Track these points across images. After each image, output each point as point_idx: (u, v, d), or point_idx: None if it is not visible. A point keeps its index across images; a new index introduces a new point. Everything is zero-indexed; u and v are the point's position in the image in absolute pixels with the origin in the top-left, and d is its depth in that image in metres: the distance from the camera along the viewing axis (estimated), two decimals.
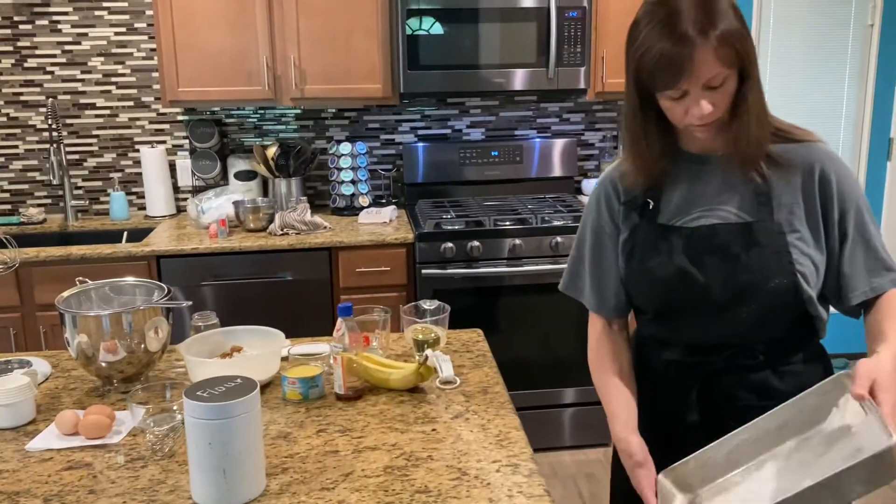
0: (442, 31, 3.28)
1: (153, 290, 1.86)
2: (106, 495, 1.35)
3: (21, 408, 1.61)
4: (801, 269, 1.34)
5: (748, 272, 1.34)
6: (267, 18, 3.26)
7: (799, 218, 1.36)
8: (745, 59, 1.26)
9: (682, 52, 1.22)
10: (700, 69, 1.23)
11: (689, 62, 1.23)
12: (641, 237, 1.45)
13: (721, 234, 1.37)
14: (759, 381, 1.40)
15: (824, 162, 1.36)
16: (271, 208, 3.38)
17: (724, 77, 1.26)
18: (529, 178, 3.78)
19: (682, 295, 1.39)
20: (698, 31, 1.22)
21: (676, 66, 1.23)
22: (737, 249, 1.35)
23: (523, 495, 1.33)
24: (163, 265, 3.14)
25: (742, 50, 1.25)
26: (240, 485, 1.31)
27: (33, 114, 3.57)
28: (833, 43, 3.99)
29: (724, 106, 1.30)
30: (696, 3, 1.23)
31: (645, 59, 1.26)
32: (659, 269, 1.41)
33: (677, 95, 1.28)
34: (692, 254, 1.39)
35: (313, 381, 1.70)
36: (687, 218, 1.41)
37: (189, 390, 1.31)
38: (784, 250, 1.34)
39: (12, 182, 3.64)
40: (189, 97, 3.30)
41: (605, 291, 1.53)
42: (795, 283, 1.34)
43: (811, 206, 1.36)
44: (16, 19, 3.48)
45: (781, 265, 1.34)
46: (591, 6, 3.35)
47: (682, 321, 1.43)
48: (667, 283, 1.40)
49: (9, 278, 3.02)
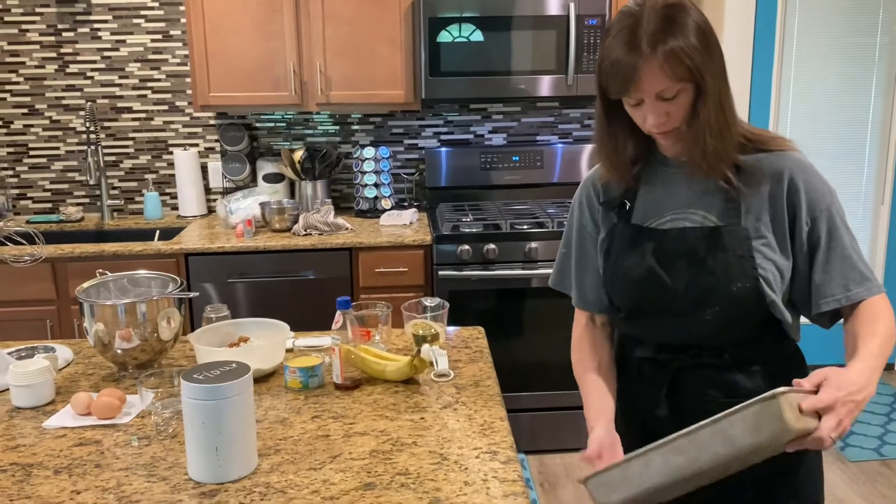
0: (463, 39, 3.36)
1: (167, 283, 1.97)
2: (110, 469, 1.45)
3: (40, 389, 1.73)
4: (764, 274, 1.37)
5: (712, 275, 1.39)
6: (294, 26, 3.38)
7: (765, 224, 1.39)
8: (699, 75, 1.30)
9: (630, 63, 1.28)
10: (647, 81, 1.29)
11: (636, 73, 1.29)
12: (618, 237, 1.50)
13: (689, 237, 1.42)
14: (727, 380, 1.45)
15: (794, 170, 1.39)
16: (296, 209, 3.49)
17: (676, 90, 1.31)
18: (550, 183, 3.83)
19: (651, 296, 1.45)
20: (649, 44, 1.27)
21: (625, 75, 1.30)
22: (703, 253, 1.40)
23: (497, 479, 1.39)
24: (191, 262, 3.27)
25: (695, 66, 1.29)
26: (232, 462, 1.40)
27: (74, 117, 3.75)
28: (860, 50, 3.98)
29: (679, 117, 1.34)
30: (658, 17, 1.28)
31: (603, 64, 1.34)
32: (632, 270, 1.46)
33: (633, 102, 1.35)
34: (661, 256, 1.44)
35: (313, 371, 1.79)
36: (659, 220, 1.46)
37: (186, 373, 1.40)
38: (748, 255, 1.38)
39: (53, 182, 3.82)
40: (219, 102, 3.44)
41: (587, 288, 1.60)
42: (758, 288, 1.37)
43: (778, 213, 1.39)
44: (59, 27, 3.66)
45: (744, 269, 1.37)
46: (611, 14, 3.40)
47: (651, 321, 1.48)
48: (638, 283, 1.46)
49: (46, 273, 3.18)
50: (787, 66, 3.95)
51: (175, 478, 1.42)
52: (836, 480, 3.22)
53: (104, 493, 1.37)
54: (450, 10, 3.33)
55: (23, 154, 3.78)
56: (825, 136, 4.03)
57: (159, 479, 1.41)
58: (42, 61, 3.69)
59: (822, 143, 4.00)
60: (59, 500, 1.35)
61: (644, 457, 1.24)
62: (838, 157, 4.06)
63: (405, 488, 1.36)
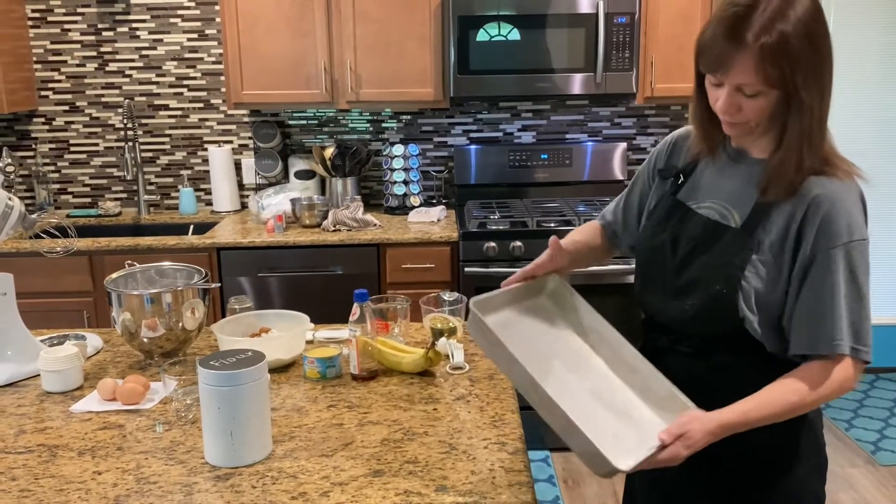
0: (491, 37, 3.38)
1: (193, 274, 2.03)
2: (131, 452, 1.51)
3: (69, 375, 1.80)
4: (746, 288, 1.35)
5: (701, 270, 1.41)
6: (325, 25, 3.43)
7: (776, 243, 1.35)
8: (791, 84, 1.25)
9: (727, 47, 1.26)
10: (735, 70, 1.26)
11: (730, 60, 1.26)
12: (660, 206, 1.55)
13: (705, 228, 1.43)
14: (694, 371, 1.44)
15: (819, 198, 1.31)
16: (326, 206, 3.55)
17: (757, 90, 1.27)
18: (579, 182, 3.83)
19: (654, 269, 1.51)
20: (754, 33, 1.23)
21: (718, 57, 1.28)
22: (705, 247, 1.42)
23: (504, 469, 1.41)
24: (223, 257, 3.34)
25: (790, 73, 1.24)
26: (246, 447, 1.45)
27: (112, 114, 3.85)
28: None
29: (751, 115, 1.31)
30: (773, 7, 1.24)
31: (703, 35, 1.32)
32: (651, 238, 1.52)
33: (715, 82, 1.33)
34: (678, 235, 1.47)
35: (330, 362, 1.83)
36: (698, 203, 1.48)
37: (203, 360, 1.45)
38: (740, 265, 1.36)
39: (92, 177, 3.92)
40: (251, 99, 3.51)
41: (611, 209, 1.72)
42: (733, 299, 1.36)
43: (790, 235, 1.34)
44: (99, 26, 3.76)
45: (729, 276, 1.36)
46: (641, 12, 3.39)
47: (649, 294, 1.53)
48: (649, 252, 1.52)
49: (83, 266, 3.28)
50: None
51: (192, 461, 1.47)
52: (866, 484, 3.17)
53: (124, 474, 1.42)
54: (480, 9, 3.35)
55: (64, 150, 3.89)
56: (863, 137, 3.96)
57: (177, 463, 1.46)
58: (83, 60, 3.80)
59: (860, 143, 3.93)
60: (82, 479, 1.41)
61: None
62: (878, 156, 3.99)
63: (413, 476, 1.39)
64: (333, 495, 1.33)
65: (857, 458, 3.38)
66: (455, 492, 1.34)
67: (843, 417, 3.74)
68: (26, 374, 1.87)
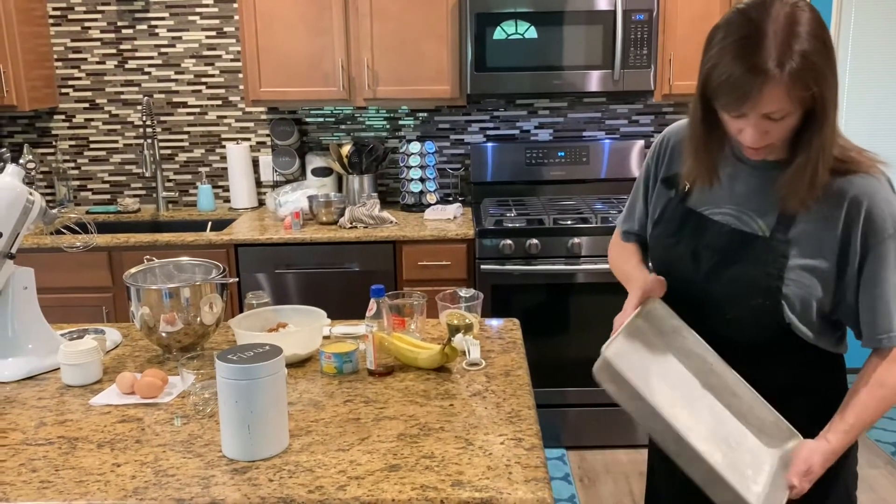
0: (508, 35, 3.38)
1: (211, 269, 2.04)
2: (149, 445, 1.52)
3: (88, 368, 1.81)
4: (789, 294, 1.35)
5: (735, 284, 1.39)
6: (343, 22, 3.44)
7: (811, 246, 1.34)
8: (819, 100, 1.22)
9: (752, 81, 1.19)
10: (765, 101, 1.21)
11: (758, 93, 1.20)
12: (669, 214, 1.52)
13: (728, 237, 1.41)
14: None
15: (858, 195, 1.31)
16: (342, 203, 3.56)
17: (786, 112, 1.23)
18: (596, 179, 3.82)
19: (677, 278, 1.47)
20: (775, 63, 1.18)
21: (743, 93, 1.21)
22: (735, 258, 1.39)
23: (520, 465, 1.41)
24: (240, 253, 3.36)
25: (818, 91, 1.21)
26: (263, 440, 1.45)
27: (132, 111, 3.88)
28: None
29: (777, 136, 1.28)
30: (782, 29, 1.19)
31: (713, 74, 1.24)
32: (672, 248, 1.49)
33: (735, 114, 1.27)
34: (700, 246, 1.44)
35: (347, 357, 1.84)
36: (714, 210, 1.45)
37: (221, 354, 1.46)
38: (777, 273, 1.35)
39: (112, 174, 3.96)
40: (269, 97, 3.52)
41: (632, 211, 1.69)
42: (777, 308, 1.35)
43: (829, 237, 1.34)
44: (119, 24, 3.79)
45: (768, 287, 1.35)
46: (659, 9, 3.38)
47: (677, 301, 1.49)
48: (670, 263, 1.49)
49: (102, 261, 3.31)
50: (841, 70, 3.85)
51: (210, 454, 1.48)
52: (886, 485, 3.15)
53: (142, 466, 1.44)
54: (497, 6, 3.35)
55: (84, 147, 3.93)
56: (886, 140, 3.91)
57: (195, 456, 1.47)
58: (103, 57, 3.83)
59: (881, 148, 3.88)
60: (101, 471, 1.42)
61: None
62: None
63: (429, 471, 1.39)
64: (350, 489, 1.34)
65: (877, 459, 3.35)
66: (471, 487, 1.34)
67: None
68: (47, 368, 1.89)
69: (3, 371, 1.85)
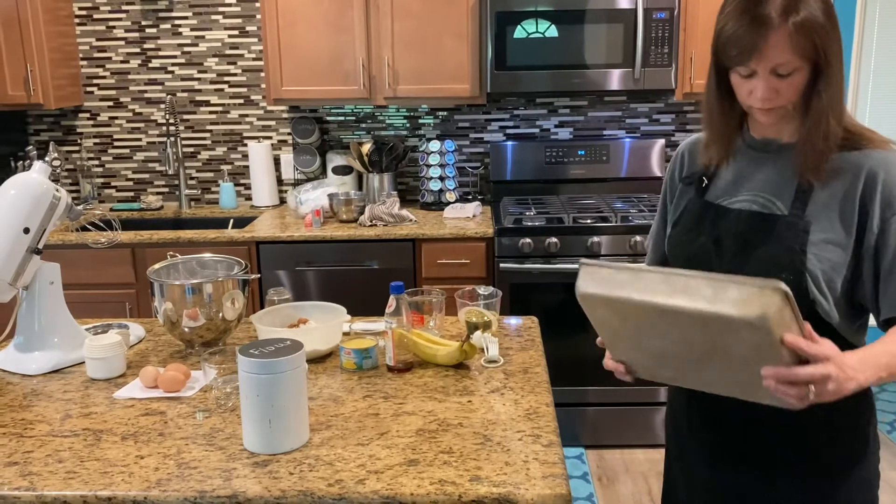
0: (528, 33, 3.38)
1: (233, 266, 2.06)
2: (172, 438, 1.54)
3: (112, 362, 1.84)
4: (813, 270, 1.34)
5: (758, 264, 1.38)
6: (364, 21, 3.46)
7: (831, 220, 1.35)
8: (822, 55, 1.27)
9: (758, 31, 1.26)
10: (771, 52, 1.27)
11: (763, 42, 1.26)
12: (687, 211, 1.54)
13: (748, 221, 1.42)
14: None
15: (874, 167, 1.33)
16: (362, 201, 3.58)
17: (793, 67, 1.28)
18: (617, 178, 3.81)
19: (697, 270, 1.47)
20: (779, 13, 1.25)
21: (749, 43, 1.27)
22: (756, 241, 1.39)
23: (538, 461, 1.42)
24: (261, 250, 3.39)
25: (821, 44, 1.27)
26: (284, 434, 1.47)
27: (155, 110, 3.92)
28: None
29: (788, 96, 1.32)
30: None
31: (724, 31, 1.31)
32: (692, 242, 1.49)
33: (746, 73, 1.32)
34: (719, 234, 1.45)
35: (367, 353, 1.85)
36: (730, 199, 1.47)
37: (243, 348, 1.48)
38: (800, 249, 1.35)
39: (135, 172, 4.00)
40: (290, 95, 3.55)
41: (654, 233, 1.71)
42: (801, 283, 1.34)
43: (847, 211, 1.34)
44: (143, 24, 3.84)
45: (792, 262, 1.35)
46: (680, 7, 3.37)
47: None
48: (692, 257, 1.48)
49: (126, 258, 3.35)
50: (866, 63, 3.82)
51: (231, 448, 1.50)
52: None
53: (165, 458, 1.46)
54: (517, 5, 3.35)
55: (108, 145, 3.98)
56: None
57: (216, 449, 1.49)
58: (127, 56, 3.88)
59: None
60: (125, 463, 1.44)
61: (638, 272, 1.25)
62: None
63: (447, 466, 1.41)
64: (369, 483, 1.35)
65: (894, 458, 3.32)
66: (489, 482, 1.35)
67: (885, 420, 3.67)
68: (72, 362, 1.92)
69: (30, 364, 1.88)
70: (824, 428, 1.41)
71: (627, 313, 1.28)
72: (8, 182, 1.90)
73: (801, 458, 1.44)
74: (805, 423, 1.39)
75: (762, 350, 1.16)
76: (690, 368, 1.29)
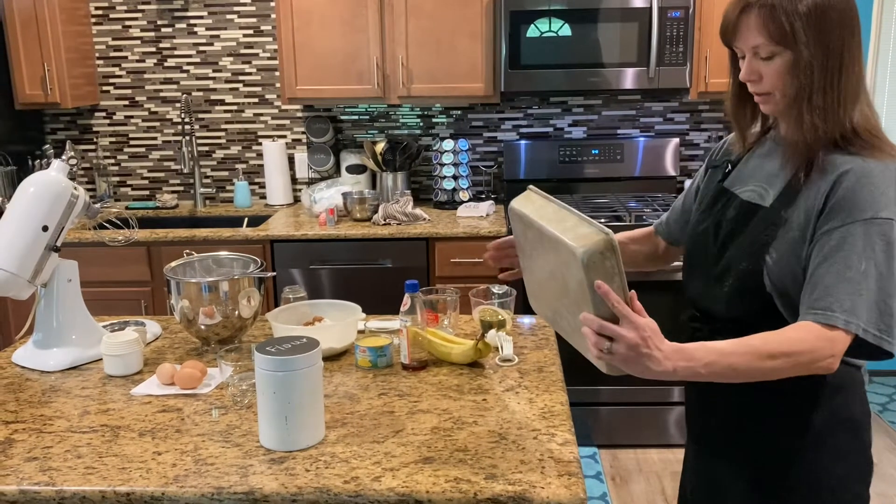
0: (542, 32, 3.38)
1: (249, 264, 2.07)
2: (189, 434, 1.56)
3: (130, 359, 1.86)
4: (771, 264, 1.35)
5: (734, 250, 1.43)
6: (378, 21, 3.47)
7: (800, 219, 1.34)
8: (793, 42, 1.30)
9: (734, 11, 1.35)
10: (744, 32, 1.34)
11: (737, 21, 1.35)
12: (707, 194, 1.58)
13: (740, 210, 1.46)
14: None
15: (847, 173, 1.30)
16: (376, 200, 3.59)
17: (770, 51, 1.33)
18: (631, 177, 3.81)
19: (697, 254, 1.54)
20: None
21: (732, 24, 1.36)
22: (741, 228, 1.43)
23: (553, 460, 1.42)
24: (276, 249, 3.40)
25: (792, 31, 1.29)
26: (300, 431, 1.48)
27: (170, 108, 3.95)
28: None
29: (771, 81, 1.35)
30: None
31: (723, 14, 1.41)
32: (698, 224, 1.55)
33: (740, 55, 1.39)
34: (721, 220, 1.49)
35: (381, 351, 1.86)
36: (741, 188, 1.50)
37: (260, 346, 1.49)
38: (766, 241, 1.37)
39: (151, 170, 4.03)
40: (305, 95, 3.56)
41: (673, 206, 1.77)
42: (758, 274, 1.37)
43: (814, 213, 1.33)
44: (159, 23, 3.86)
45: (754, 252, 1.38)
46: (695, 6, 3.35)
47: (693, 280, 1.55)
48: (693, 239, 1.56)
49: (141, 256, 3.38)
50: (883, 62, 3.80)
51: (247, 444, 1.51)
52: None
53: (182, 455, 1.47)
54: (531, 4, 3.35)
55: (123, 144, 4.00)
56: None
57: (233, 445, 1.50)
58: (143, 56, 3.90)
59: None
60: (142, 459, 1.46)
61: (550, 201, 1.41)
62: None
63: (462, 464, 1.41)
64: (385, 480, 1.36)
65: (892, 450, 3.31)
66: (504, 480, 1.35)
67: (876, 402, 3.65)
68: (90, 358, 1.94)
69: (48, 361, 1.90)
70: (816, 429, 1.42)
71: (527, 232, 1.44)
72: (27, 180, 1.92)
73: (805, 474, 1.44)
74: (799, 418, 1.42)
75: (584, 292, 1.23)
76: (556, 306, 1.41)
